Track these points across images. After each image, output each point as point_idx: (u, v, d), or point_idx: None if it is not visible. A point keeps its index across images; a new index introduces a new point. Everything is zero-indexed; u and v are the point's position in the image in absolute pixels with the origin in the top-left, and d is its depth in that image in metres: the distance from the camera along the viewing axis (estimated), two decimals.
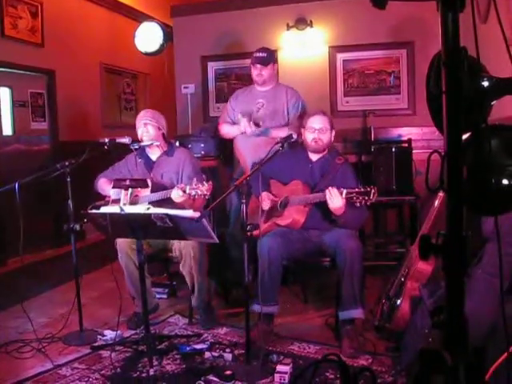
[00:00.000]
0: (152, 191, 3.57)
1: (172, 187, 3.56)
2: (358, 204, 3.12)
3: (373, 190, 3.06)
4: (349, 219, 3.35)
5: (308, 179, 3.56)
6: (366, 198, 3.07)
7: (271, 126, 4.15)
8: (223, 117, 4.43)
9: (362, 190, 3.10)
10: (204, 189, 3.19)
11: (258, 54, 4.18)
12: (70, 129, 6.38)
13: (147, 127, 3.69)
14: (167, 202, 3.40)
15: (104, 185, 3.80)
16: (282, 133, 4.07)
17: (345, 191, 3.15)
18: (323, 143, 3.54)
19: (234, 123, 4.32)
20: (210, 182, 3.23)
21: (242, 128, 4.12)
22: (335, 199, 3.18)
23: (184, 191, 3.26)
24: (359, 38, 5.29)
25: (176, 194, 3.33)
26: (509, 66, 1.28)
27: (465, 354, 1.26)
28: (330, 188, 3.21)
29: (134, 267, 3.53)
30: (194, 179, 3.26)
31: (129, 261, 3.55)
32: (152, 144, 3.71)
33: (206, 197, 3.25)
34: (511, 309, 2.21)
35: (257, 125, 4.06)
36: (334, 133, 3.59)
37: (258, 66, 4.15)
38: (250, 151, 4.18)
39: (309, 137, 3.54)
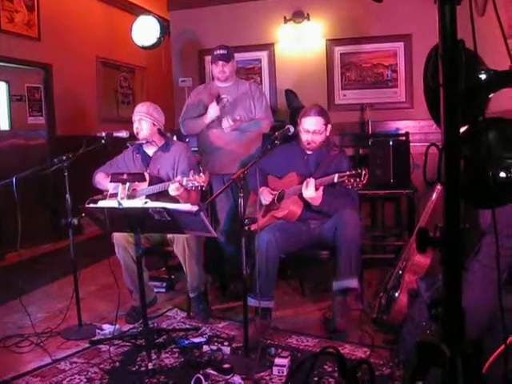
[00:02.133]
0: (150, 185, 3.58)
1: (168, 181, 3.57)
2: (350, 187, 3.14)
3: (364, 172, 3.07)
4: (332, 211, 3.39)
5: (303, 171, 3.56)
6: (358, 179, 3.08)
7: (239, 120, 4.15)
8: (184, 115, 4.36)
9: (354, 172, 3.11)
10: (201, 180, 3.19)
11: (219, 52, 4.19)
12: (67, 123, 6.37)
13: (141, 123, 3.68)
14: (164, 196, 3.40)
15: (102, 179, 3.80)
16: (256, 126, 4.20)
17: (336, 175, 3.17)
18: (316, 144, 3.54)
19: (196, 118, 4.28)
20: (207, 173, 3.23)
21: (212, 114, 4.09)
22: (309, 189, 3.24)
23: (181, 184, 3.26)
24: (357, 31, 5.28)
25: (173, 188, 3.33)
26: (506, 58, 1.28)
27: (462, 346, 1.27)
28: (308, 179, 3.25)
29: (131, 261, 3.53)
30: (191, 171, 3.26)
31: (126, 254, 3.56)
32: (146, 142, 3.72)
33: (204, 188, 3.25)
34: (508, 301, 2.22)
35: (235, 120, 4.06)
36: (329, 127, 3.56)
37: (221, 62, 4.17)
38: (228, 145, 4.16)
39: (303, 137, 3.54)
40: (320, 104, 3.67)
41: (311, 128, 3.48)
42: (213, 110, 4.09)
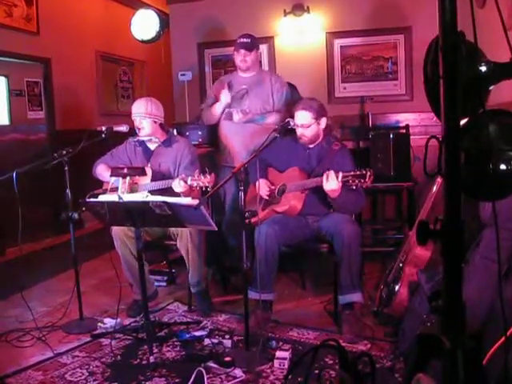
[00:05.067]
0: (152, 179, 3.58)
1: (169, 176, 3.58)
2: (354, 187, 3.13)
3: (368, 173, 3.07)
4: (344, 203, 3.38)
5: (305, 165, 3.56)
6: (362, 180, 3.08)
7: (256, 111, 4.13)
8: (205, 104, 4.37)
9: (358, 172, 3.11)
10: (206, 180, 3.19)
11: (241, 40, 4.16)
12: (66, 117, 6.36)
13: (142, 122, 3.67)
14: (166, 191, 3.40)
15: (103, 171, 3.79)
16: (270, 119, 4.12)
17: (341, 174, 3.16)
18: (308, 138, 3.53)
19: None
20: (213, 175, 3.23)
21: (223, 100, 4.08)
22: (331, 181, 3.20)
23: (185, 182, 3.27)
24: (356, 23, 5.26)
25: (178, 185, 3.34)
26: (507, 50, 1.28)
27: (463, 338, 1.27)
28: (328, 171, 3.22)
29: (129, 254, 3.54)
30: (197, 171, 3.26)
31: (124, 248, 3.56)
32: (150, 140, 3.72)
33: (208, 188, 3.25)
34: (509, 293, 2.22)
35: (245, 113, 4.05)
36: (323, 120, 3.52)
37: (243, 51, 4.13)
38: (238, 138, 4.15)
39: (296, 131, 3.54)
40: (320, 97, 3.66)
41: (298, 122, 3.47)
42: (224, 97, 4.07)
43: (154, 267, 4.51)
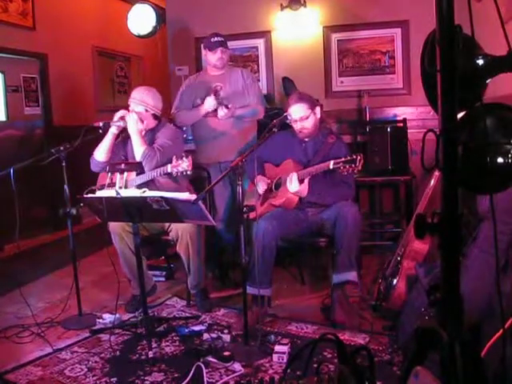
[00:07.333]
0: (137, 174, 3.56)
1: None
2: (346, 173, 3.17)
3: (359, 157, 3.11)
4: (323, 196, 3.46)
5: (301, 157, 3.57)
6: (353, 165, 3.11)
7: (231, 107, 4.11)
8: (177, 105, 4.34)
9: (349, 158, 3.13)
10: (185, 165, 3.17)
11: (216, 39, 4.17)
12: (63, 113, 6.34)
13: (134, 109, 3.65)
14: (153, 184, 3.45)
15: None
16: (248, 112, 4.18)
17: (332, 162, 3.20)
18: (309, 129, 3.54)
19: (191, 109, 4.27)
20: (190, 158, 3.22)
21: (209, 106, 4.07)
22: (292, 184, 3.35)
23: (166, 172, 3.28)
24: (353, 17, 5.25)
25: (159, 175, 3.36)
26: (504, 43, 1.28)
27: (460, 331, 1.27)
28: (292, 173, 3.36)
29: (127, 249, 3.54)
30: (174, 157, 3.25)
31: (122, 243, 3.56)
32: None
33: (188, 172, 3.23)
34: (506, 286, 2.23)
35: (227, 107, 4.04)
36: (317, 110, 3.55)
37: (220, 49, 4.14)
38: (226, 133, 4.16)
39: (294, 127, 3.54)
40: (317, 91, 3.67)
41: (297, 116, 3.48)
42: (209, 103, 4.06)
43: (153, 262, 4.51)
